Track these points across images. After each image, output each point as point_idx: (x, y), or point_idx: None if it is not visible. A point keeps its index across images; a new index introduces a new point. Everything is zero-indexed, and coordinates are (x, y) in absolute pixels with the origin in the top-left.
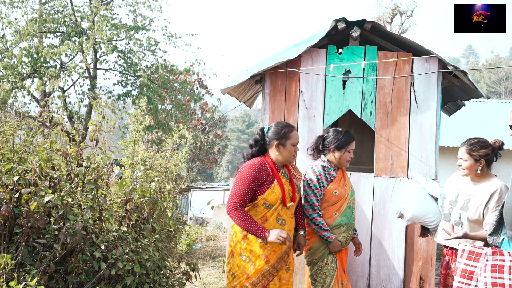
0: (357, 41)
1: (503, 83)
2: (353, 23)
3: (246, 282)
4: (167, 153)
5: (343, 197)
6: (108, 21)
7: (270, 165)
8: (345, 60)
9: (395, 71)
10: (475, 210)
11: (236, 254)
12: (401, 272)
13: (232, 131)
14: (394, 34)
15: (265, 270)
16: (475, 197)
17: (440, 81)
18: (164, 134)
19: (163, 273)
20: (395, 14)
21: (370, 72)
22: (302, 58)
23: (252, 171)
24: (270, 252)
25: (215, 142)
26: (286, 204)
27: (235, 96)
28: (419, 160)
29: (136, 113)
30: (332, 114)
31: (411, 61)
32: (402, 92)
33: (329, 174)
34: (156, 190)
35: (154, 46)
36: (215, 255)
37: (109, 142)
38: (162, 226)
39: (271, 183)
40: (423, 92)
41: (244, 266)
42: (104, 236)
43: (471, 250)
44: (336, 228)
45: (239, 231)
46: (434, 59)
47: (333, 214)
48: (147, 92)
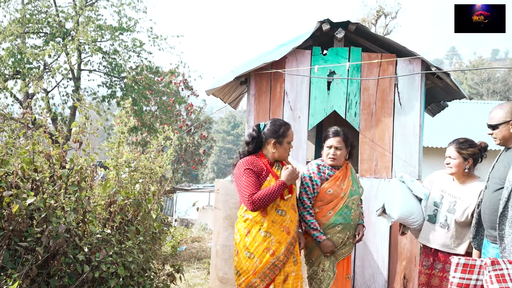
0: (342, 42)
1: (485, 84)
2: (337, 25)
3: (253, 278)
4: (152, 155)
5: (338, 196)
6: (93, 22)
7: (263, 162)
8: (330, 61)
9: (379, 72)
10: (462, 212)
11: (240, 251)
12: (385, 272)
13: (218, 132)
14: (378, 35)
15: (271, 263)
16: (462, 199)
17: (423, 82)
18: (149, 135)
19: (148, 275)
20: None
21: (355, 73)
22: (287, 59)
23: (247, 165)
24: (275, 244)
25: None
26: (284, 197)
27: (220, 97)
28: (403, 161)
29: (120, 115)
30: (317, 115)
31: (395, 62)
32: (386, 93)
33: (324, 172)
34: (141, 191)
35: (139, 47)
36: (200, 257)
37: (93, 143)
38: (147, 228)
39: (266, 177)
40: (406, 93)
41: (250, 262)
42: (87, 238)
43: (465, 263)
44: (330, 227)
45: (243, 228)
46: (417, 60)
47: (327, 213)
48: (132, 94)
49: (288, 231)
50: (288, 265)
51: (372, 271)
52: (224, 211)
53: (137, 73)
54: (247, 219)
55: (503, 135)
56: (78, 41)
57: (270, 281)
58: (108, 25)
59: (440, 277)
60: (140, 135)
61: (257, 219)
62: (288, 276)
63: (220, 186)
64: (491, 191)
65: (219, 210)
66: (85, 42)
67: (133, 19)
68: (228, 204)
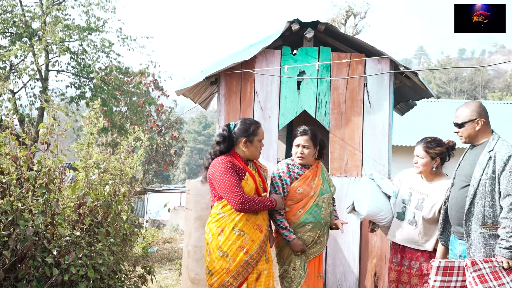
0: (311, 42)
1: (452, 84)
2: (307, 25)
3: (227, 277)
4: (122, 156)
5: (307, 195)
6: (61, 22)
7: (238, 160)
8: (300, 61)
9: (348, 72)
10: (430, 209)
11: (213, 251)
12: (356, 270)
13: (189, 132)
14: (347, 35)
15: (244, 261)
16: (429, 196)
17: (392, 82)
18: (119, 136)
19: (118, 278)
20: (349, 16)
21: (324, 73)
22: (257, 59)
23: (227, 163)
24: (249, 242)
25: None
26: (260, 195)
27: (190, 97)
28: (372, 159)
29: (90, 115)
30: (287, 114)
31: (364, 62)
32: (355, 93)
33: (294, 172)
34: (111, 193)
35: (108, 47)
36: (172, 258)
37: (62, 145)
38: (117, 229)
39: (244, 175)
40: (375, 93)
41: (222, 261)
42: (56, 241)
43: (445, 266)
44: (300, 226)
45: (216, 227)
46: (386, 60)
47: (297, 212)
48: (102, 94)
49: (261, 229)
50: (261, 263)
51: (343, 269)
52: (195, 211)
53: (107, 73)
54: (222, 217)
55: (468, 133)
56: (45, 41)
57: (244, 280)
58: (76, 25)
59: (409, 273)
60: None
61: (231, 217)
62: (261, 274)
63: (191, 187)
64: (457, 189)
65: (190, 211)
66: (52, 42)
67: (101, 19)
68: (199, 205)
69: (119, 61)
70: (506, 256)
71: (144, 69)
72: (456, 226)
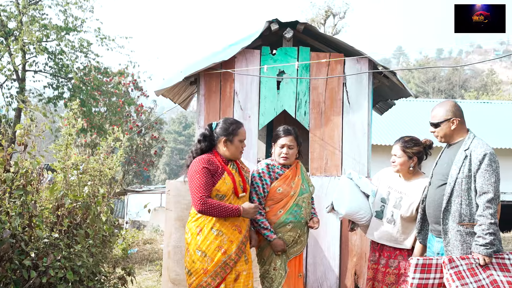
0: (291, 42)
1: (431, 83)
2: (286, 24)
3: (205, 277)
4: (101, 157)
5: (288, 195)
6: (38, 22)
7: (218, 160)
8: (279, 61)
9: (327, 71)
10: (407, 207)
11: (192, 250)
12: (337, 269)
13: (169, 133)
14: (326, 35)
15: (222, 261)
16: (407, 195)
17: (371, 81)
18: (98, 137)
19: (98, 279)
20: (328, 16)
21: (304, 72)
22: (237, 59)
23: (203, 163)
24: (227, 243)
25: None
26: (238, 195)
27: (170, 98)
28: (352, 159)
29: (68, 116)
30: (267, 114)
31: (343, 62)
32: (335, 92)
33: (274, 171)
34: (90, 194)
35: (86, 47)
36: (152, 259)
37: (39, 146)
38: (96, 231)
39: (222, 174)
40: (355, 92)
41: (201, 261)
42: (34, 243)
43: (423, 263)
44: (281, 226)
45: (195, 227)
46: (365, 59)
47: (278, 212)
48: (80, 95)
49: (239, 230)
50: (240, 264)
51: (323, 268)
52: (176, 212)
53: (85, 73)
54: (200, 217)
55: (444, 133)
56: (22, 41)
57: (222, 280)
58: (54, 25)
59: (384, 272)
60: (89, 136)
61: (209, 217)
62: (240, 275)
63: (171, 187)
64: (434, 187)
65: (170, 211)
66: (29, 42)
67: (79, 18)
68: (179, 205)
69: (98, 61)
70: (482, 253)
71: (123, 69)
72: (434, 224)
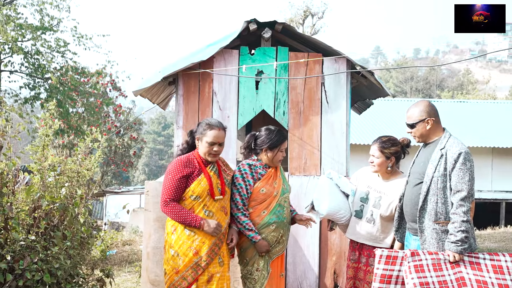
0: (269, 42)
1: (408, 83)
2: (264, 24)
3: (176, 277)
4: (79, 157)
5: (271, 195)
6: (13, 21)
7: (197, 159)
8: (258, 60)
9: (306, 71)
10: (387, 207)
11: (167, 249)
12: (316, 268)
13: (148, 133)
14: (304, 35)
15: (194, 262)
16: (386, 195)
17: (349, 81)
18: (76, 138)
19: (76, 282)
20: (307, 16)
21: (282, 72)
22: (215, 59)
23: (178, 165)
24: (199, 244)
25: (131, 145)
26: (214, 197)
27: (148, 98)
28: (331, 158)
29: (44, 117)
30: (246, 114)
31: (321, 62)
32: (313, 92)
33: (256, 172)
34: (67, 195)
35: (63, 47)
36: (132, 260)
37: (15, 147)
38: (74, 232)
39: (198, 176)
40: (333, 92)
41: (173, 261)
42: (10, 246)
43: (388, 255)
44: (265, 227)
45: (170, 226)
46: (343, 59)
47: (261, 213)
48: (57, 95)
49: None
50: (213, 265)
51: (303, 267)
52: (155, 213)
53: (62, 74)
54: None
55: (420, 133)
56: None
57: (193, 281)
58: (29, 24)
59: (364, 270)
60: (67, 137)
61: None
62: (213, 277)
63: (150, 188)
64: (411, 186)
65: (149, 212)
66: (4, 42)
67: (55, 18)
68: (158, 206)
69: (75, 61)
70: (453, 250)
71: (101, 69)
72: (411, 223)
